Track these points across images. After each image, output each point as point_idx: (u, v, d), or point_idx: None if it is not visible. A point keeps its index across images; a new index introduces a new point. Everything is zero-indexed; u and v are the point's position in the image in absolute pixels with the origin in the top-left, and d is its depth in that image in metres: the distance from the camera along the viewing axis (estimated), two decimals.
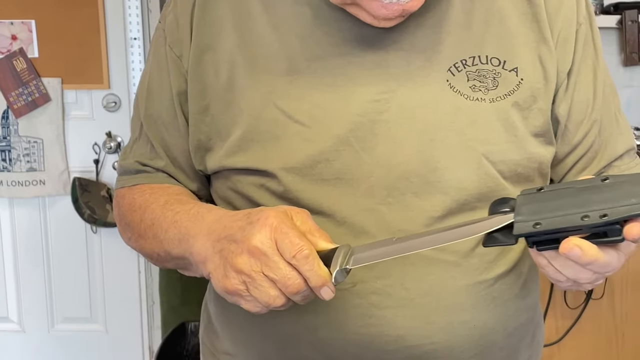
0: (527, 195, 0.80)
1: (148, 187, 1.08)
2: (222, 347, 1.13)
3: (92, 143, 2.83)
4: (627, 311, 2.51)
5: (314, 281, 0.83)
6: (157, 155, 1.09)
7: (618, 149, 1.08)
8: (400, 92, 0.97)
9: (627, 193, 0.73)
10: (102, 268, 2.91)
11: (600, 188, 0.75)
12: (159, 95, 1.07)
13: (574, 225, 0.73)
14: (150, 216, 1.02)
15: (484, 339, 1.03)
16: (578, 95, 1.03)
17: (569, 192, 0.76)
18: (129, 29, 2.75)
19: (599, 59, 1.06)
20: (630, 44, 2.83)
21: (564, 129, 1.04)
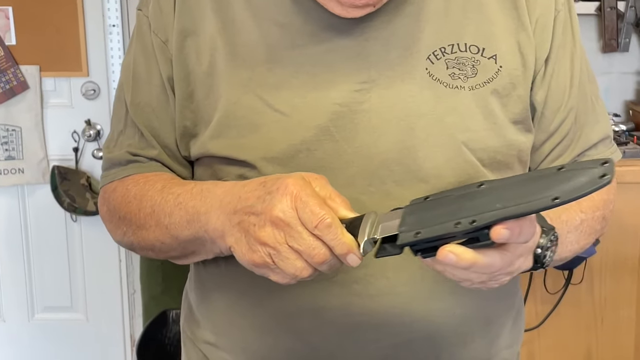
0: (414, 205, 0.84)
1: (141, 176, 1.06)
2: (203, 336, 1.13)
3: (71, 131, 2.81)
4: (605, 296, 2.54)
5: (339, 249, 0.81)
6: (148, 144, 1.07)
7: (593, 137, 1.08)
8: (380, 82, 0.98)
9: (495, 198, 0.77)
10: (82, 257, 2.90)
11: (475, 194, 0.79)
12: (147, 83, 1.06)
13: (448, 233, 0.77)
14: (149, 203, 1.00)
15: (464, 327, 1.04)
16: (555, 82, 1.03)
17: (448, 201, 0.81)
18: (107, 16, 2.73)
19: (577, 46, 1.06)
20: (609, 30, 2.84)
21: (540, 116, 1.04)
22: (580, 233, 1.03)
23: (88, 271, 2.91)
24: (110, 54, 2.75)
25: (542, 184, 0.76)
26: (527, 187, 0.77)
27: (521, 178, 0.79)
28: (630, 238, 2.50)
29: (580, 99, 1.06)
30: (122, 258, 2.91)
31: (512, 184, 0.78)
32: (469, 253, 0.77)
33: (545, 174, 0.77)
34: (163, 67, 1.04)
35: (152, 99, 1.06)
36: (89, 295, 2.93)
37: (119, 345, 2.97)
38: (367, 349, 1.01)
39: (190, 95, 1.03)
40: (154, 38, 1.05)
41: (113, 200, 1.07)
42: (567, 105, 1.05)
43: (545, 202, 0.73)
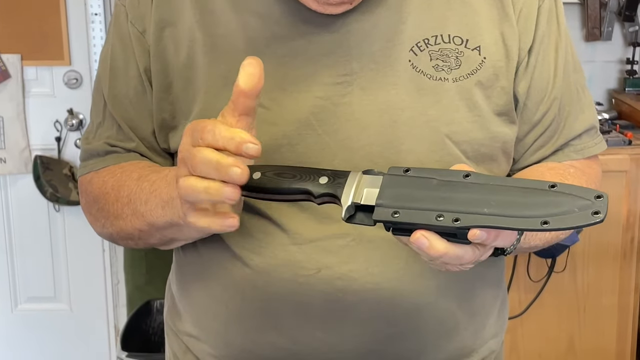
0: (393, 177, 0.81)
1: (118, 167, 1.05)
2: (185, 328, 1.12)
3: (54, 120, 2.79)
4: (588, 284, 2.55)
5: (231, 143, 0.78)
6: (126, 137, 1.06)
7: (577, 128, 1.07)
8: (363, 74, 0.97)
9: (482, 199, 0.76)
10: (65, 247, 2.89)
11: (460, 186, 0.78)
12: (124, 74, 1.05)
13: (428, 224, 0.77)
14: (125, 193, 0.99)
15: (449, 320, 1.04)
16: (539, 73, 1.02)
17: (431, 184, 0.79)
18: (89, 4, 2.70)
19: (562, 36, 1.05)
20: (592, 19, 2.85)
21: (523, 107, 1.03)
22: None
23: (71, 261, 2.90)
24: (92, 43, 2.73)
25: (533, 200, 0.75)
26: (517, 198, 0.76)
27: (510, 183, 0.78)
28: (613, 226, 2.51)
29: (565, 89, 1.05)
30: (105, 248, 2.90)
31: (500, 188, 0.77)
32: (441, 244, 0.77)
33: (536, 188, 0.76)
34: (140, 58, 1.03)
35: (129, 90, 1.05)
36: (73, 285, 2.92)
37: (103, 335, 2.97)
38: (351, 344, 1.01)
39: (168, 87, 1.02)
40: (131, 28, 1.03)
41: (90, 192, 1.07)
42: (551, 96, 1.04)
43: (534, 225, 0.74)
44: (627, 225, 2.51)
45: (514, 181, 0.79)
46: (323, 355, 1.01)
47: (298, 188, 0.82)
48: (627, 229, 2.51)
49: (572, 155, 1.06)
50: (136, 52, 1.03)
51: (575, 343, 2.58)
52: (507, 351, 2.53)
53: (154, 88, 1.03)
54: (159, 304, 2.75)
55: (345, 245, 0.98)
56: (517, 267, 2.51)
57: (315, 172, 0.83)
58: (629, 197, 2.49)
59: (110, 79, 1.06)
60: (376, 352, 1.02)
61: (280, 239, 0.99)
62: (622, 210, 2.50)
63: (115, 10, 1.07)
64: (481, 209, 0.75)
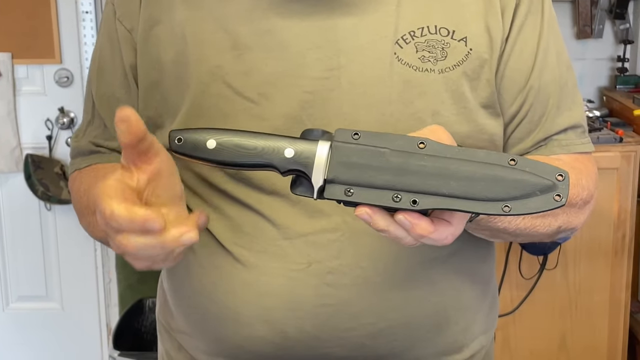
0: (343, 145, 0.76)
1: (101, 166, 1.06)
2: (177, 326, 1.12)
3: (45, 119, 2.79)
4: (580, 281, 2.56)
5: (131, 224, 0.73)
6: (111, 136, 1.07)
7: (561, 123, 1.04)
8: (350, 68, 0.97)
9: (440, 177, 0.73)
10: (57, 245, 2.88)
11: (416, 158, 0.75)
12: (112, 72, 1.06)
13: (386, 205, 0.74)
14: (84, 202, 1.01)
15: (439, 314, 1.04)
16: (514, 63, 1.01)
17: (384, 157, 0.75)
18: (80, 2, 2.70)
19: (545, 28, 1.03)
20: (583, 17, 2.85)
21: (498, 97, 1.02)
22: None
23: (63, 260, 2.89)
24: (83, 41, 2.72)
25: (493, 178, 0.73)
26: (476, 176, 0.73)
27: (468, 157, 0.74)
28: (605, 224, 2.52)
29: (549, 83, 1.03)
30: (97, 247, 2.89)
31: (458, 162, 0.74)
32: (383, 221, 0.75)
33: (495, 164, 0.74)
34: (126, 55, 1.04)
35: (116, 89, 1.06)
36: (64, 284, 2.91)
37: (95, 334, 2.96)
38: (342, 339, 1.01)
39: (155, 85, 1.02)
40: (119, 26, 1.04)
41: (74, 192, 1.08)
42: (527, 88, 1.02)
43: (496, 209, 0.72)
44: (619, 222, 2.52)
45: (472, 153, 0.75)
46: (313, 350, 1.02)
47: (260, 162, 0.78)
48: (619, 226, 2.52)
49: (556, 150, 1.04)
50: (123, 49, 1.04)
51: (567, 340, 2.59)
52: (498, 348, 2.53)
53: (140, 85, 1.03)
54: (151, 303, 2.74)
55: (335, 240, 0.98)
56: (509, 265, 2.52)
57: (279, 143, 0.78)
58: (620, 195, 2.50)
59: (99, 78, 1.08)
60: (367, 346, 1.02)
61: (271, 234, 0.99)
62: (613, 207, 2.51)
63: (106, 9, 1.08)
64: (440, 189, 0.73)
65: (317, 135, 0.79)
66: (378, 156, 0.75)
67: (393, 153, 0.75)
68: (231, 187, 1.00)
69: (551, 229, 1.01)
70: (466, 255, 1.06)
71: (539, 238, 1.03)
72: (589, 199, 1.04)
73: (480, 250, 1.09)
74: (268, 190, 0.98)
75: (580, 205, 1.03)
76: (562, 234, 1.04)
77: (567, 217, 1.02)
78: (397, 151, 0.75)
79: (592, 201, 1.06)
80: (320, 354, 1.02)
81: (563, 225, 1.02)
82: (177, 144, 0.79)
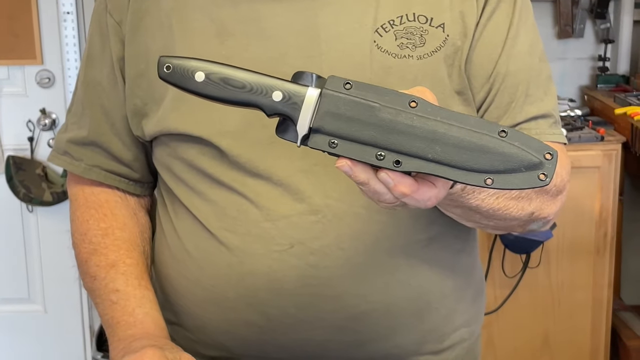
0: (333, 95, 0.74)
1: (102, 218, 1.11)
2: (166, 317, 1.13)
3: (26, 120, 2.77)
4: (562, 279, 2.57)
5: None
6: (87, 124, 1.11)
7: (530, 111, 1.05)
8: (330, 55, 0.99)
9: (427, 141, 0.72)
10: (39, 247, 2.87)
11: (405, 116, 0.73)
12: (100, 62, 1.09)
13: (367, 162, 0.73)
14: (93, 270, 1.08)
15: (420, 299, 1.06)
16: (484, 49, 1.02)
17: (374, 110, 0.73)
18: (61, 3, 2.68)
19: (516, 17, 1.04)
20: (564, 16, 2.87)
21: (469, 84, 1.03)
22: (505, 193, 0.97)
23: (45, 262, 2.88)
24: (65, 42, 2.71)
25: (480, 147, 0.72)
26: (464, 143, 0.72)
27: (459, 122, 0.73)
28: (587, 222, 2.53)
29: (520, 70, 1.04)
30: None
31: (447, 126, 0.73)
32: (364, 175, 0.75)
33: (485, 133, 0.72)
34: (114, 47, 1.07)
35: (103, 78, 1.09)
36: (47, 286, 2.90)
37: (78, 336, 2.95)
38: (324, 321, 1.03)
39: (142, 74, 1.05)
40: (109, 19, 1.07)
41: (73, 219, 1.14)
42: (494, 73, 1.03)
43: (478, 180, 0.71)
44: (600, 220, 2.53)
45: (463, 119, 0.73)
46: (296, 333, 1.03)
47: (247, 100, 0.76)
48: (600, 225, 2.54)
49: None
50: (111, 41, 1.07)
51: (550, 338, 2.60)
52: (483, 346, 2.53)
53: (127, 76, 1.06)
54: None
55: (317, 222, 1.00)
56: (492, 263, 2.53)
57: (268, 83, 0.76)
58: (601, 193, 2.52)
59: (87, 66, 1.11)
60: (348, 330, 1.03)
61: (254, 216, 1.01)
62: (595, 205, 2.52)
63: (97, 2, 1.11)
64: (425, 153, 0.72)
65: (308, 80, 0.77)
66: (367, 110, 0.74)
67: (383, 109, 0.73)
68: (216, 170, 1.03)
69: (524, 213, 1.00)
70: (447, 242, 1.07)
71: (510, 223, 1.01)
72: (561, 189, 1.04)
73: (461, 237, 1.10)
74: (252, 172, 1.01)
75: (553, 193, 1.03)
76: (534, 223, 1.03)
77: (541, 204, 1.01)
78: (387, 107, 0.73)
79: (564, 192, 1.06)
80: (303, 338, 1.04)
81: (536, 212, 1.01)
82: (166, 72, 0.77)
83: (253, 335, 1.05)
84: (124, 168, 1.12)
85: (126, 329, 1.02)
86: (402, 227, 1.03)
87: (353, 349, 1.05)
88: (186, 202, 1.07)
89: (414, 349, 1.08)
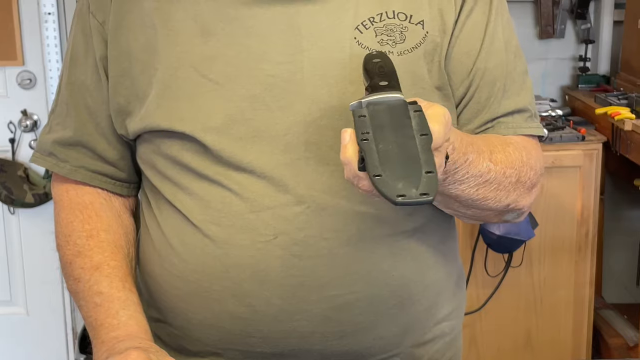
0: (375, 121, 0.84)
1: (87, 220, 1.11)
2: (150, 314, 1.14)
3: (7, 121, 2.75)
4: (544, 278, 2.59)
5: None
6: (71, 124, 1.11)
7: (507, 106, 1.08)
8: (312, 52, 1.01)
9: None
10: (21, 249, 2.85)
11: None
12: (84, 62, 1.10)
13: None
14: (77, 273, 1.08)
15: (402, 290, 1.07)
16: (463, 46, 1.05)
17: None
18: (42, 4, 2.67)
19: (493, 14, 1.07)
20: (545, 17, 2.89)
21: (449, 80, 1.06)
22: (485, 183, 1.00)
23: (27, 264, 2.86)
24: (46, 43, 2.69)
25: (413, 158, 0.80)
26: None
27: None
28: (568, 221, 2.55)
29: (497, 66, 1.07)
30: None
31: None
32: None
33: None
34: (97, 47, 1.08)
35: (87, 78, 1.10)
36: (29, 288, 2.88)
37: (60, 338, 2.93)
38: (308, 311, 1.04)
39: (125, 72, 1.06)
40: (92, 19, 1.09)
41: (58, 221, 1.14)
42: (474, 69, 1.06)
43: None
44: (582, 219, 2.55)
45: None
46: (281, 324, 1.04)
47: None
48: (582, 224, 2.56)
49: (503, 131, 1.07)
50: (95, 41, 1.08)
51: (532, 336, 2.62)
52: (466, 346, 2.55)
53: (110, 75, 1.08)
54: None
55: (300, 213, 1.01)
56: (475, 263, 2.54)
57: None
58: (582, 192, 2.54)
59: (70, 66, 1.12)
60: (332, 320, 1.04)
61: (239, 207, 1.03)
62: (577, 205, 2.54)
63: (79, 2, 1.12)
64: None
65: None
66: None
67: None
68: (199, 165, 1.04)
69: (501, 205, 1.03)
70: (429, 234, 1.09)
71: (486, 213, 1.05)
72: (535, 181, 1.07)
73: (442, 228, 1.12)
74: (236, 166, 1.02)
75: (528, 187, 1.06)
76: (509, 213, 1.07)
77: (517, 197, 1.05)
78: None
79: (538, 185, 1.09)
80: (287, 329, 1.05)
81: (512, 204, 1.05)
82: None
83: (238, 328, 1.06)
84: (110, 167, 1.12)
85: (110, 331, 1.02)
86: (385, 218, 1.04)
87: (336, 340, 1.06)
88: (170, 197, 1.07)
89: (396, 341, 1.09)
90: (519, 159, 1.04)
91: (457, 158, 0.93)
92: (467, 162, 0.95)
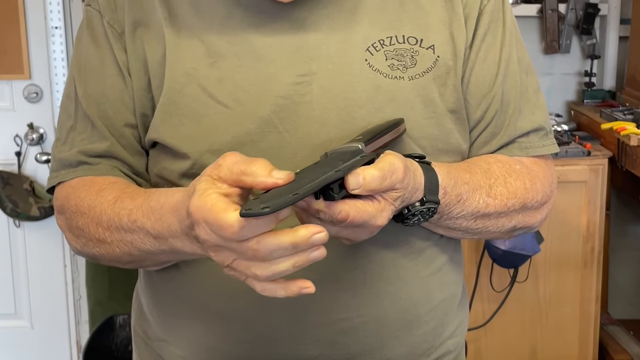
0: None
1: (93, 182, 1.04)
2: (155, 334, 1.13)
3: (14, 135, 2.76)
4: (550, 293, 2.58)
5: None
6: (100, 137, 1.07)
7: (524, 126, 1.09)
8: (321, 74, 1.00)
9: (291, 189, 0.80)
10: (26, 262, 2.85)
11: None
12: (100, 73, 1.07)
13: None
14: (104, 218, 1.00)
15: (409, 312, 1.06)
16: (479, 70, 1.05)
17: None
18: (49, 18, 2.68)
19: (507, 36, 1.07)
20: (551, 32, 2.89)
21: (465, 103, 1.06)
22: (484, 215, 1.03)
23: (32, 277, 2.86)
24: (53, 56, 2.70)
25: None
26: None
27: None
28: (574, 236, 2.54)
29: (511, 88, 1.07)
30: (67, 263, 2.87)
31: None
32: (319, 204, 0.85)
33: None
34: (120, 55, 1.05)
35: (106, 88, 1.06)
36: (34, 301, 2.88)
37: (65, 352, 2.93)
38: (314, 335, 1.03)
39: (148, 84, 1.05)
40: (109, 29, 1.06)
41: (68, 209, 1.06)
42: (491, 94, 1.06)
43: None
44: (587, 235, 2.55)
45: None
46: (287, 348, 1.03)
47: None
48: (587, 239, 2.55)
49: (516, 152, 1.08)
50: (115, 50, 1.05)
51: (538, 352, 2.61)
52: None
53: (135, 86, 1.05)
54: (121, 320, 2.72)
55: None
56: (480, 278, 2.53)
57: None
58: (588, 207, 2.53)
59: (86, 80, 1.08)
60: (339, 344, 1.03)
61: None
62: (582, 220, 2.54)
63: (87, 15, 1.09)
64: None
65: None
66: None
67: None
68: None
69: (505, 229, 1.07)
70: (434, 255, 1.09)
71: (493, 236, 1.09)
72: (545, 200, 1.09)
73: (448, 250, 1.12)
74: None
75: (535, 207, 1.08)
76: (518, 231, 1.09)
77: (523, 218, 1.08)
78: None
79: (550, 201, 1.11)
80: (294, 354, 1.03)
81: (518, 225, 1.08)
82: None
83: (244, 353, 1.04)
84: (138, 178, 1.09)
85: (172, 194, 0.93)
86: (391, 242, 1.04)
87: None
88: None
89: None
90: (522, 188, 1.06)
91: (449, 200, 0.98)
92: (460, 202, 1.00)
